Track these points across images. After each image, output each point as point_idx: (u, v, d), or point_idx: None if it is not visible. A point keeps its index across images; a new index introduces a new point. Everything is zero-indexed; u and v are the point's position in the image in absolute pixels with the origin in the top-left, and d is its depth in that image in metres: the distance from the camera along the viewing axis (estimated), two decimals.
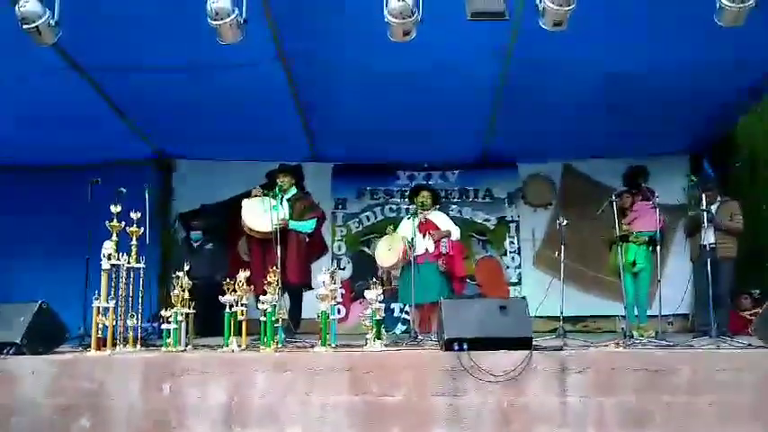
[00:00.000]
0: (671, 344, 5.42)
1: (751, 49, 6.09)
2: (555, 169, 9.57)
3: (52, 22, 4.95)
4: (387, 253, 7.11)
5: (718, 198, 7.02)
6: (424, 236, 7.07)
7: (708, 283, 6.15)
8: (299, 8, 5.70)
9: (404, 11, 4.89)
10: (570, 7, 4.81)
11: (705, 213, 6.51)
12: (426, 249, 7.01)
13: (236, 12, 4.95)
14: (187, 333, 5.61)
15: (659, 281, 6.55)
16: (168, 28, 5.86)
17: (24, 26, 4.90)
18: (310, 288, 6.91)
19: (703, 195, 6.57)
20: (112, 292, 5.41)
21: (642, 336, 6.28)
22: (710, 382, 4.69)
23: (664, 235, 7.36)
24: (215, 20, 4.93)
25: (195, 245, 8.27)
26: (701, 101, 7.32)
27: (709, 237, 6.59)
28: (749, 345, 5.22)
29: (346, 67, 6.69)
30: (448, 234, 7.13)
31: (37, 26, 4.91)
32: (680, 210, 8.15)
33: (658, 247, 6.74)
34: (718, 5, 4.83)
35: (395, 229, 7.30)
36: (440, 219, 7.36)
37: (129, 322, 5.54)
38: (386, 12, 4.93)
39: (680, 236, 8.38)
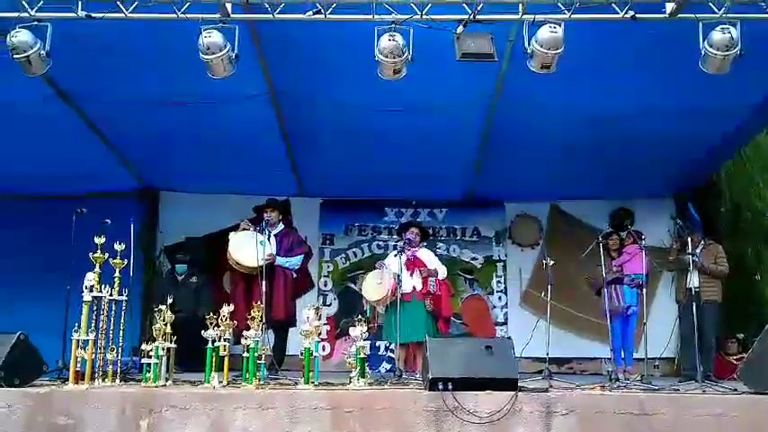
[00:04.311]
0: (656, 387, 5.39)
1: (735, 96, 6.19)
2: (542, 209, 9.61)
3: (43, 52, 4.97)
4: (376, 287, 6.99)
5: (702, 242, 7.06)
6: (411, 273, 7.01)
7: (693, 327, 6.15)
8: (289, 46, 5.76)
9: (394, 50, 4.96)
10: (558, 51, 4.89)
11: (691, 257, 6.53)
12: (414, 287, 6.93)
13: (228, 47, 4.99)
14: (168, 368, 5.51)
15: (645, 323, 6.53)
16: (159, 61, 5.90)
17: (15, 56, 4.92)
18: (295, 325, 6.81)
19: (689, 239, 6.60)
20: (93, 325, 5.31)
21: (628, 379, 6.24)
22: (695, 427, 4.64)
23: (649, 278, 7.38)
24: (206, 54, 4.97)
25: (180, 278, 8.19)
26: (687, 145, 7.43)
27: (693, 280, 6.60)
28: (735, 390, 5.20)
29: (335, 104, 6.73)
30: (435, 273, 7.09)
31: (28, 56, 4.92)
32: (665, 252, 8.19)
33: (644, 290, 6.75)
34: (703, 53, 4.92)
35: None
36: (427, 256, 7.32)
37: (108, 356, 5.44)
38: (377, 50, 4.99)
39: (665, 278, 8.41)
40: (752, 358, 5.26)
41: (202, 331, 5.42)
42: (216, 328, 5.41)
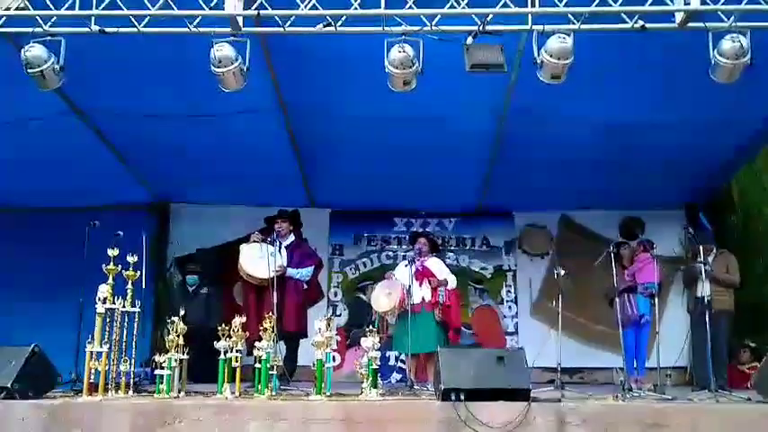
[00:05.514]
0: (670, 397, 5.36)
1: (747, 107, 6.19)
2: (551, 219, 9.59)
3: (57, 67, 4.99)
4: (385, 298, 6.94)
5: (714, 251, 7.03)
6: (420, 284, 6.99)
7: (705, 336, 6.13)
8: (299, 58, 5.79)
9: (404, 61, 4.98)
10: (568, 61, 4.89)
11: (702, 266, 6.50)
12: (423, 298, 6.90)
13: (239, 60, 5.02)
14: (180, 379, 5.52)
15: (657, 332, 6.51)
16: (169, 74, 5.94)
17: (29, 71, 4.94)
18: (306, 336, 6.82)
19: (701, 248, 6.58)
20: (106, 337, 5.34)
21: (640, 389, 6.21)
22: None
23: (661, 287, 7.36)
24: (218, 67, 4.99)
25: (191, 289, 8.23)
26: (698, 156, 7.42)
27: (705, 289, 6.57)
28: (748, 399, 5.17)
29: (345, 116, 6.77)
30: (445, 283, 7.07)
31: (42, 71, 4.94)
32: (676, 261, 8.18)
33: (656, 299, 6.73)
34: (713, 62, 4.92)
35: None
36: (437, 266, 7.30)
37: (121, 367, 5.46)
38: (387, 62, 5.01)
39: (677, 287, 8.37)
40: (765, 368, 5.24)
41: (215, 342, 5.44)
42: (228, 339, 5.43)
